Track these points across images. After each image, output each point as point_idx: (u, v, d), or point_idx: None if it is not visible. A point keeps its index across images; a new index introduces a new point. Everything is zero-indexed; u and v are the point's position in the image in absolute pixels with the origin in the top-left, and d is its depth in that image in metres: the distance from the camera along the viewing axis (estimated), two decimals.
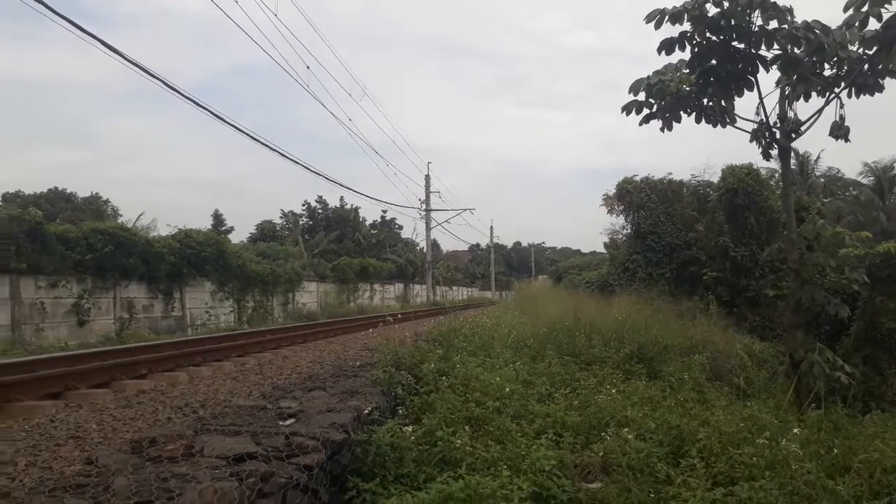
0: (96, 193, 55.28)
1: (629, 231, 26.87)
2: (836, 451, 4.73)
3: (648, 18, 8.94)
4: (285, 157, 23.94)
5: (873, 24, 8.41)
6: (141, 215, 39.55)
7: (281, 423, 4.92)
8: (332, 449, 4.41)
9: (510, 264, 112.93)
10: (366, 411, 5.43)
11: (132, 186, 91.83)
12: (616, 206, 26.74)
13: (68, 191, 55.32)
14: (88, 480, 3.49)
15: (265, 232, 53.33)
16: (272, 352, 12.75)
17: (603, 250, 34.40)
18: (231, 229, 54.70)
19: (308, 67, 23.46)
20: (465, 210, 56.08)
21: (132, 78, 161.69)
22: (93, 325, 19.31)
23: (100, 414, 6.01)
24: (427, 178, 49.54)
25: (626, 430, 5.38)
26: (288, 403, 5.72)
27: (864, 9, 8.33)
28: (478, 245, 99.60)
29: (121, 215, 48.23)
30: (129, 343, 14.86)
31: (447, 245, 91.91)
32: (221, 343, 13.23)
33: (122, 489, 3.26)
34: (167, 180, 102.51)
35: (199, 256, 24.00)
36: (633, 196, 25.68)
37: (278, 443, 4.23)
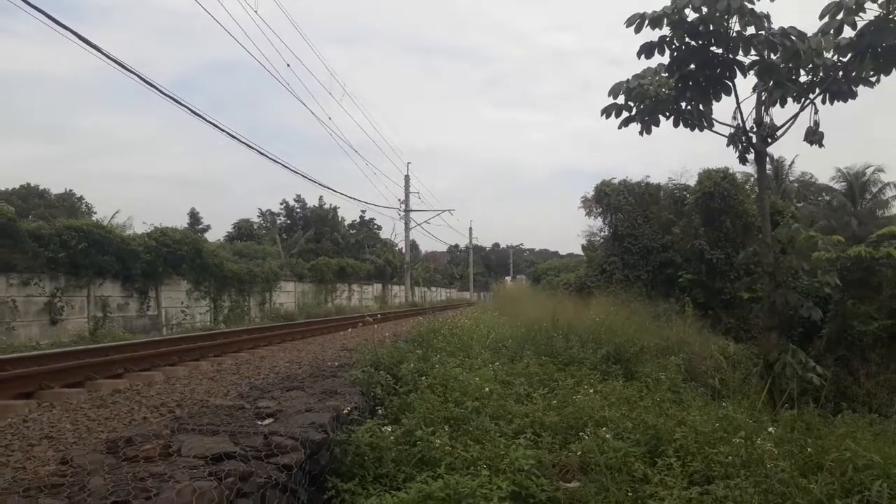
0: (70, 190, 54.62)
1: (607, 233, 27.07)
2: (808, 450, 4.81)
3: (629, 22, 9.02)
4: (264, 155, 23.82)
5: (848, 32, 8.59)
6: (116, 213, 38.95)
7: (259, 422, 4.89)
8: (311, 449, 4.39)
9: (489, 265, 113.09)
10: (345, 411, 5.42)
11: (107, 183, 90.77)
12: (594, 209, 26.93)
13: (41, 187, 54.49)
14: (64, 480, 3.44)
15: (242, 231, 52.88)
16: (249, 352, 12.65)
17: (581, 252, 34.59)
18: (208, 228, 54.29)
19: (289, 65, 23.48)
20: (445, 211, 56.38)
21: (109, 73, 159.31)
22: (66, 324, 19.01)
23: (74, 413, 5.91)
24: (406, 178, 49.55)
25: (603, 429, 5.43)
26: (266, 403, 5.69)
27: (840, 17, 8.50)
28: (457, 246, 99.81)
29: (95, 213, 47.53)
30: (104, 342, 14.65)
31: (426, 246, 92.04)
32: (198, 343, 13.12)
33: (98, 489, 3.22)
34: (143, 177, 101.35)
35: (175, 255, 23.74)
36: (610, 199, 25.88)
37: (257, 442, 4.21)
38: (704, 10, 8.44)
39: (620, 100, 10.08)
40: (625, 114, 10.19)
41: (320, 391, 6.36)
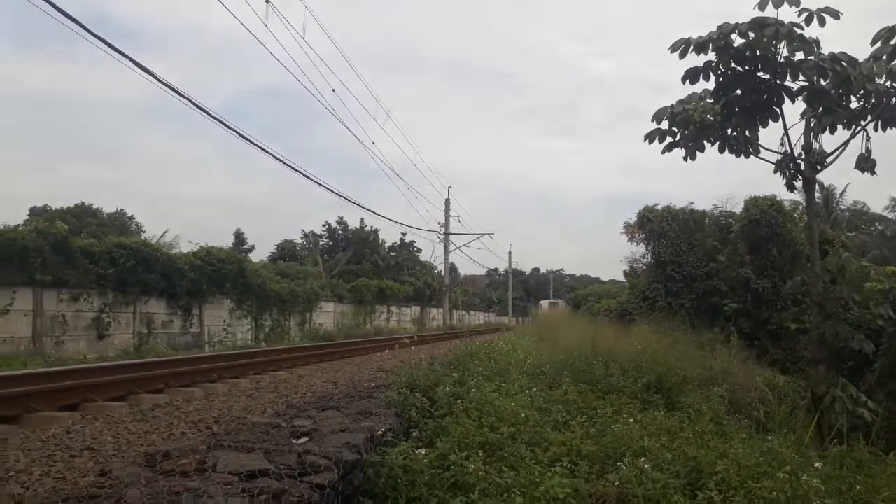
0: (121, 209, 56.21)
1: (649, 260, 26.71)
2: (858, 487, 4.61)
3: (673, 48, 8.97)
4: (308, 177, 24.26)
5: None
6: (165, 232, 40.02)
7: (294, 441, 4.90)
8: (345, 469, 4.38)
9: (528, 290, 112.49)
10: (379, 432, 5.40)
11: (158, 204, 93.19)
12: (637, 235, 26.63)
13: (94, 206, 56.25)
14: (101, 492, 3.49)
15: (285, 251, 53.72)
16: (288, 371, 12.76)
17: (622, 279, 34.15)
18: (252, 248, 55.22)
19: (334, 90, 23.76)
20: (484, 234, 56.19)
21: (160, 96, 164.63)
22: (112, 339, 19.50)
23: (115, 426, 6.03)
24: (447, 201, 49.78)
25: (642, 459, 5.29)
26: (302, 422, 5.70)
27: (893, 42, 8.31)
28: (496, 270, 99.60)
29: (144, 231, 48.91)
30: (147, 358, 14.96)
31: (465, 269, 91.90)
32: (238, 360, 13.28)
33: (134, 501, 3.26)
34: (192, 199, 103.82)
35: (219, 274, 24.22)
36: (654, 224, 25.55)
37: (291, 461, 4.21)
38: (751, 35, 8.35)
39: (664, 125, 9.99)
40: (668, 139, 10.08)
41: (355, 412, 6.36)
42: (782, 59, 8.79)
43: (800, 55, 8.58)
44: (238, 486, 3.57)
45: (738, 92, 9.29)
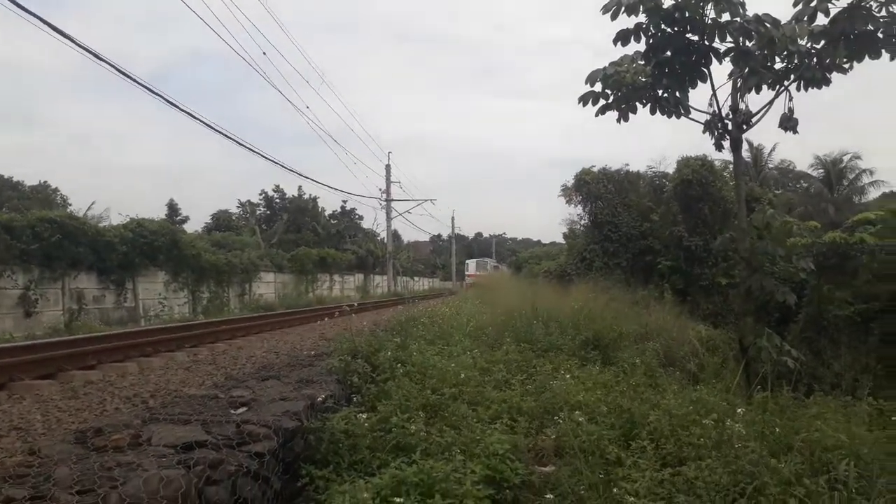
0: (44, 181, 53.61)
1: (587, 221, 27.15)
2: (778, 430, 4.86)
3: (605, 9, 8.99)
4: (241, 144, 23.61)
5: (821, 19, 8.64)
6: (92, 204, 38.48)
7: (233, 411, 4.86)
8: (285, 437, 4.37)
9: (471, 255, 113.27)
10: (320, 399, 5.40)
11: (83, 175, 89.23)
12: (574, 197, 26.98)
13: (14, 178, 53.51)
14: (30, 471, 3.40)
15: (221, 222, 52.51)
16: (227, 342, 12.57)
17: (562, 241, 34.71)
18: (186, 219, 53.66)
19: (264, 53, 23.25)
20: (426, 200, 56.30)
21: (81, 61, 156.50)
22: (40, 317, 18.75)
23: (44, 405, 5.84)
24: (387, 167, 49.33)
25: (578, 413, 5.45)
26: (240, 392, 5.65)
27: (813, 4, 8.54)
28: (439, 236, 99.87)
29: (70, 204, 46.88)
30: (79, 334, 14.46)
31: (408, 236, 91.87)
32: (174, 334, 13.00)
33: (64, 478, 3.18)
34: (120, 168, 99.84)
35: (152, 246, 23.49)
36: (590, 187, 25.94)
37: (229, 431, 4.18)
38: None
39: (598, 87, 10.06)
40: (602, 101, 10.17)
41: (296, 380, 6.33)
42: (710, 21, 8.93)
43: (726, 16, 8.73)
44: (174, 458, 3.53)
45: (669, 53, 9.41)
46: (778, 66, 9.74)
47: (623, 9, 8.85)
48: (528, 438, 5.35)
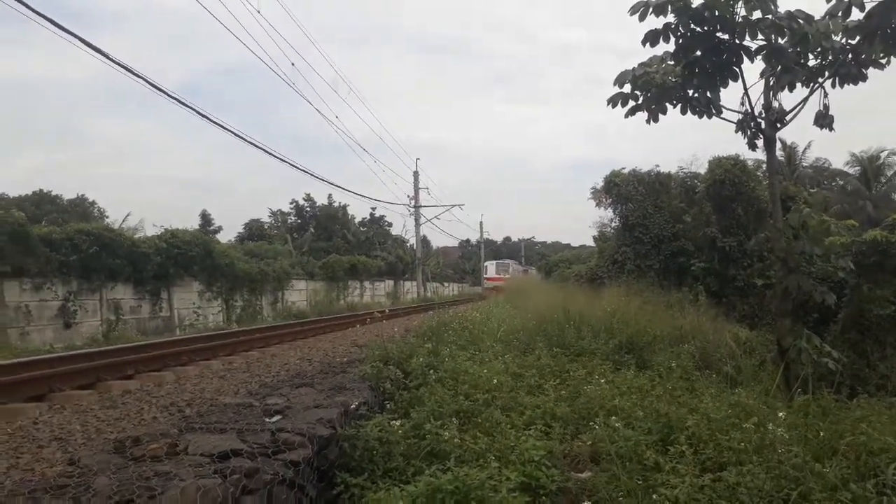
0: (82, 195, 54.88)
1: (617, 224, 26.86)
2: (822, 434, 4.73)
3: (633, 10, 8.90)
4: (272, 155, 23.94)
5: (856, 14, 8.44)
6: (127, 216, 39.29)
7: (267, 419, 4.88)
8: (319, 444, 4.38)
9: (500, 259, 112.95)
10: (353, 406, 5.40)
11: (119, 187, 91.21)
12: (604, 199, 26.73)
13: (53, 193, 54.84)
14: (70, 481, 3.44)
15: (253, 231, 53.15)
16: (260, 350, 12.68)
17: (592, 243, 34.41)
18: (219, 229, 54.51)
19: (293, 65, 23.56)
20: (454, 206, 56.03)
21: (117, 78, 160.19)
22: (79, 328, 19.16)
23: (84, 415, 5.93)
24: (416, 174, 49.49)
25: (614, 418, 5.37)
26: (275, 400, 5.68)
27: None
28: (468, 241, 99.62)
29: (107, 216, 47.92)
30: (116, 344, 14.73)
31: (437, 242, 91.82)
32: (209, 342, 13.16)
33: (103, 488, 3.22)
34: (154, 180, 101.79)
35: (186, 256, 23.86)
36: (620, 189, 25.68)
37: (264, 439, 4.20)
38: None
39: (627, 88, 9.96)
40: (631, 103, 10.07)
41: (329, 387, 6.35)
42: (740, 19, 8.78)
43: (757, 14, 8.58)
44: (210, 468, 3.55)
45: (698, 53, 9.27)
46: (812, 62, 9.55)
47: (651, 10, 8.76)
48: (563, 444, 5.30)
